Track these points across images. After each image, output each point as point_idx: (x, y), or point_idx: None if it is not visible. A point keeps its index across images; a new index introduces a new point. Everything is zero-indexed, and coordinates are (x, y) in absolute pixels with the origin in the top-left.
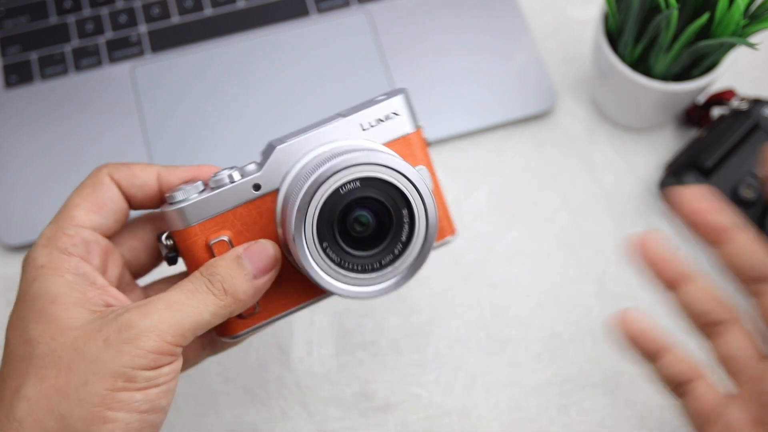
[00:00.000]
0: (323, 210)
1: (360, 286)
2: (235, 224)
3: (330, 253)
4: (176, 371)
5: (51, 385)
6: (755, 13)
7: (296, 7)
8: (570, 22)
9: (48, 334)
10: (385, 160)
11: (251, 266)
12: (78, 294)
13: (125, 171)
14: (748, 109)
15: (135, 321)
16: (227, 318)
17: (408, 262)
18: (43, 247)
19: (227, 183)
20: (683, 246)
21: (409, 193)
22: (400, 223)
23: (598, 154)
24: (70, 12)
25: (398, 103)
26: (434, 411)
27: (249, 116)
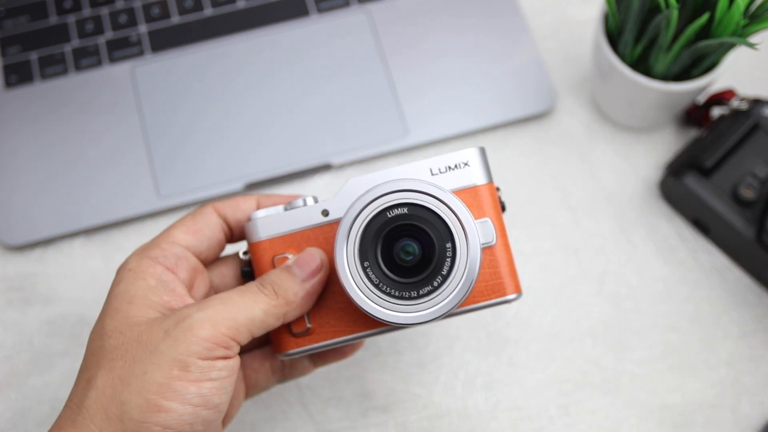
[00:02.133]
0: (368, 230)
1: (394, 311)
2: (302, 245)
3: (369, 273)
4: (230, 370)
5: (117, 375)
6: (755, 13)
7: (296, 7)
8: (570, 22)
9: (118, 329)
10: (434, 191)
11: (299, 271)
12: (155, 297)
13: (229, 203)
14: (748, 109)
15: (191, 313)
16: (281, 319)
17: (446, 295)
18: (137, 255)
19: (300, 206)
20: (684, 245)
21: (454, 228)
22: (443, 256)
23: (598, 154)
24: (70, 12)
25: (471, 155)
26: (434, 411)
27: (249, 116)
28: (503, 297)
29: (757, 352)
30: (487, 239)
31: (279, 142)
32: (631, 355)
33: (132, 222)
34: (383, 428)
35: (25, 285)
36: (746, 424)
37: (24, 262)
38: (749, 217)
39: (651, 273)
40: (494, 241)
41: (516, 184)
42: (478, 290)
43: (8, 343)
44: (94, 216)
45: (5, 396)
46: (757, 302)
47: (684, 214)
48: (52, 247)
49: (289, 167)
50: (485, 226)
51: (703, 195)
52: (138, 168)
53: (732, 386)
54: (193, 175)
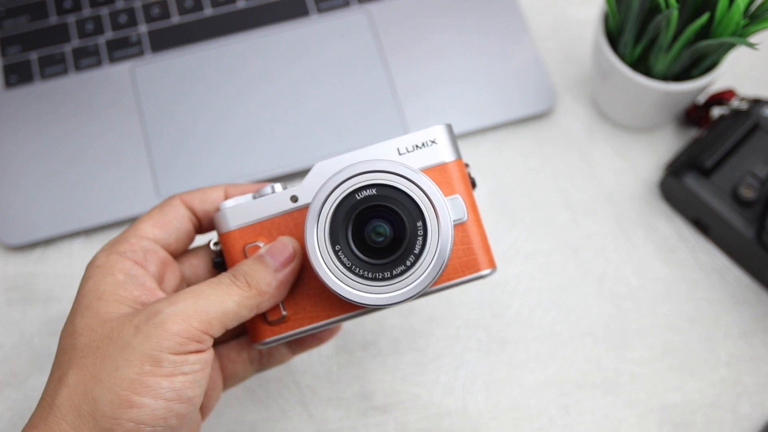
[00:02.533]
0: (337, 213)
1: (367, 292)
2: (272, 233)
3: (341, 256)
4: (203, 363)
5: (88, 372)
6: (755, 13)
7: (296, 7)
8: (570, 22)
9: (89, 326)
10: (401, 170)
11: (272, 261)
12: (125, 292)
13: (196, 193)
14: (748, 109)
15: (162, 308)
16: (255, 310)
17: (419, 274)
18: (104, 251)
19: (269, 193)
20: (684, 244)
21: (424, 207)
22: (414, 235)
23: (598, 154)
24: (70, 12)
25: (438, 132)
26: (434, 411)
27: (249, 116)
28: (477, 273)
29: (757, 352)
30: (458, 216)
31: (279, 141)
32: (631, 355)
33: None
34: (383, 428)
35: (25, 285)
36: (746, 424)
37: (24, 262)
38: (749, 217)
39: (651, 273)
40: (465, 218)
41: (516, 184)
42: (452, 267)
43: (8, 343)
44: (94, 216)
45: (5, 396)
46: (757, 302)
47: (684, 214)
48: (52, 247)
49: (289, 167)
50: (455, 202)
51: (703, 195)
52: (138, 168)
53: (732, 386)
54: (193, 174)
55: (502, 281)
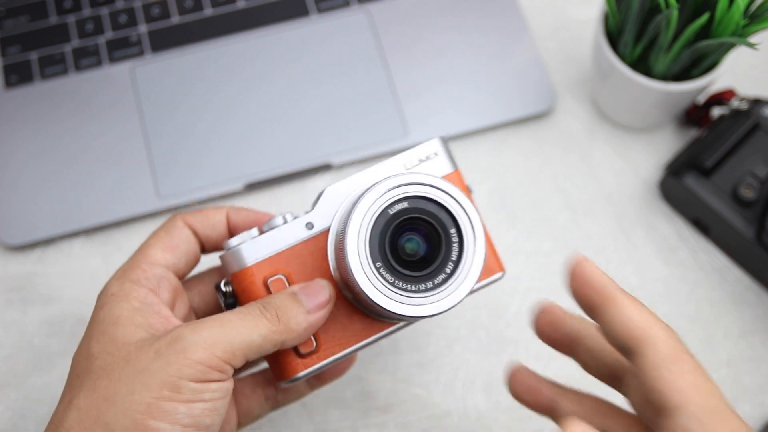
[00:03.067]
0: (373, 231)
1: (416, 305)
2: (291, 263)
3: (384, 273)
4: (224, 392)
5: (101, 395)
6: (755, 13)
7: (296, 7)
8: (570, 22)
9: (106, 350)
10: (429, 180)
11: (307, 301)
12: (141, 319)
13: (198, 215)
14: (748, 109)
15: (186, 334)
16: (279, 347)
17: (461, 279)
18: (117, 279)
19: (280, 224)
20: (684, 244)
21: (455, 211)
22: (449, 242)
23: (598, 154)
24: (70, 12)
25: (437, 145)
26: (434, 411)
27: (249, 116)
28: (492, 276)
29: (757, 352)
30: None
31: (279, 141)
32: None
33: (132, 222)
34: (383, 428)
35: (25, 285)
36: None
37: (24, 262)
38: (749, 217)
39: (651, 273)
40: None
41: (516, 184)
42: None
43: (8, 343)
44: (94, 216)
45: (5, 396)
46: (757, 302)
47: (684, 214)
48: (52, 247)
49: (289, 167)
50: None
51: (703, 195)
52: (138, 168)
53: (732, 386)
54: (193, 174)
55: (502, 281)
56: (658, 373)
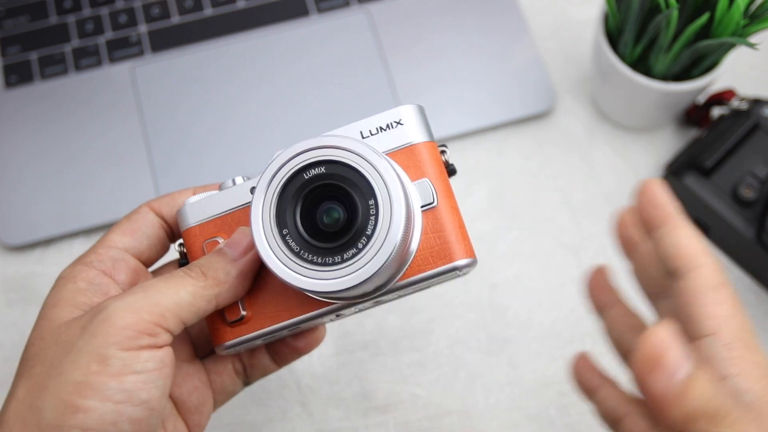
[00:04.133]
0: (284, 194)
1: (315, 278)
2: (232, 227)
3: (289, 241)
4: (159, 361)
5: (35, 382)
6: (755, 13)
7: (296, 7)
8: (570, 22)
9: (39, 335)
10: (351, 145)
11: (231, 251)
12: (84, 298)
13: (164, 199)
14: (748, 109)
15: (109, 303)
16: (214, 301)
17: (371, 255)
18: (71, 264)
19: (230, 186)
20: None
21: (374, 182)
22: (366, 215)
23: (598, 154)
24: (70, 12)
25: (405, 113)
26: (434, 411)
27: (249, 116)
28: (452, 263)
29: None
30: (426, 200)
31: (279, 141)
32: None
33: None
34: (383, 428)
35: (25, 285)
36: None
37: (24, 262)
38: (749, 217)
39: None
40: (435, 203)
41: (516, 184)
42: (422, 258)
43: (8, 343)
44: (94, 216)
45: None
46: (757, 302)
47: (684, 214)
48: (52, 247)
49: None
50: (423, 186)
51: (703, 195)
52: (138, 168)
53: None
54: (193, 174)
55: (502, 281)
56: (699, 298)
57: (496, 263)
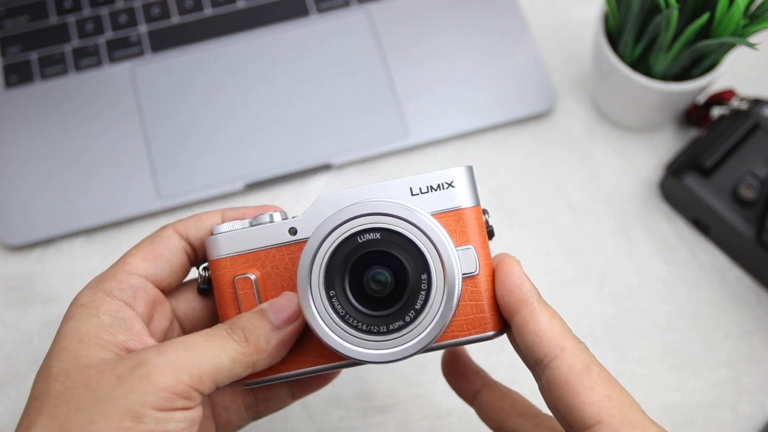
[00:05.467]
0: (335, 255)
1: (359, 346)
2: (266, 265)
3: (335, 304)
4: (190, 422)
5: (59, 424)
6: (755, 13)
7: (296, 7)
8: (570, 22)
9: (65, 371)
10: (409, 215)
11: (275, 316)
12: (109, 336)
13: (191, 221)
14: (748, 109)
15: (150, 358)
16: (250, 368)
17: (419, 332)
18: (90, 288)
19: (266, 222)
20: (684, 244)
21: (431, 258)
22: (417, 288)
23: (598, 154)
24: (70, 12)
25: (457, 174)
26: (434, 411)
27: (249, 116)
28: (483, 333)
29: (757, 352)
30: (469, 269)
31: (279, 141)
32: (631, 355)
33: (132, 222)
34: (383, 428)
35: (25, 285)
36: (746, 424)
37: (24, 262)
38: (749, 217)
39: (651, 273)
40: (477, 271)
41: (516, 184)
42: (457, 324)
43: (8, 343)
44: (94, 216)
45: (5, 396)
46: (757, 302)
47: (684, 214)
48: (52, 247)
49: (289, 167)
50: (467, 254)
51: (703, 195)
52: (138, 168)
53: (732, 386)
54: (192, 174)
55: None
56: (570, 387)
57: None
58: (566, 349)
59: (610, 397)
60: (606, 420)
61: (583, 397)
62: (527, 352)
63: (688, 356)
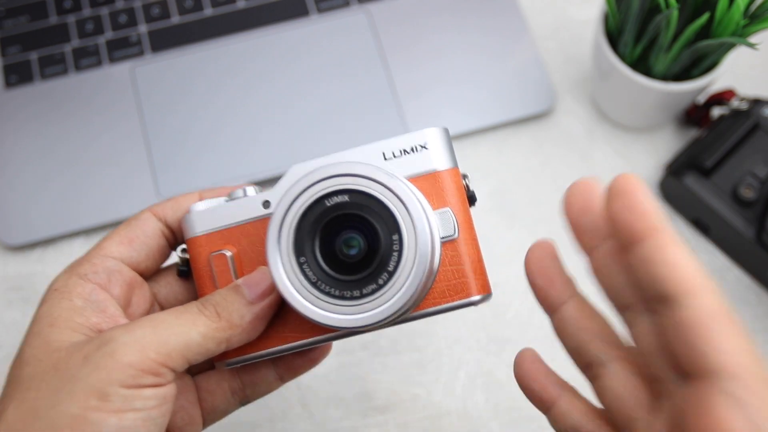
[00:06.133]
0: (304, 220)
1: (332, 312)
2: (241, 241)
3: (306, 270)
4: (160, 399)
5: (29, 407)
6: (755, 13)
7: (296, 7)
8: (570, 22)
9: (36, 356)
10: (377, 174)
11: (249, 291)
12: (81, 319)
13: (169, 203)
14: (748, 109)
15: (116, 336)
16: (224, 344)
17: (392, 294)
18: (64, 273)
19: (240, 197)
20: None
21: (401, 217)
22: (389, 249)
23: (598, 154)
24: (70, 12)
25: (431, 136)
26: (434, 411)
27: (249, 116)
28: (467, 298)
29: None
30: (447, 232)
31: (279, 141)
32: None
33: None
34: (383, 428)
35: (25, 285)
36: None
37: (24, 262)
38: (749, 217)
39: None
40: (456, 234)
41: (516, 184)
42: (438, 290)
43: (8, 343)
44: (94, 216)
45: None
46: (757, 302)
47: (684, 214)
48: (52, 247)
49: (289, 167)
50: (444, 216)
51: (703, 195)
52: (138, 167)
53: None
54: (193, 174)
55: (502, 281)
56: (702, 330)
57: (496, 263)
58: (707, 291)
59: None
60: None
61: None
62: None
63: None
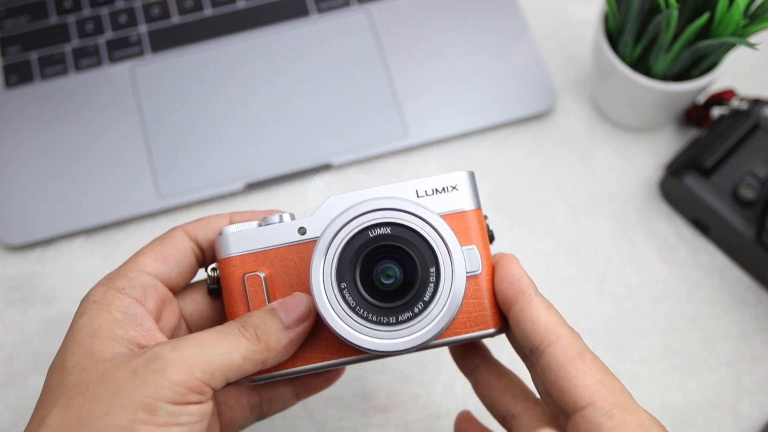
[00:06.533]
0: (347, 248)
1: (368, 336)
2: (275, 264)
3: (346, 295)
4: (202, 415)
5: (74, 415)
6: (755, 13)
7: (296, 7)
8: (570, 22)
9: (80, 365)
10: (420, 211)
11: (285, 316)
12: (121, 332)
13: (200, 223)
14: (748, 109)
15: (165, 353)
16: (260, 366)
17: (426, 323)
18: (101, 286)
19: (276, 222)
20: (684, 244)
21: (440, 252)
22: (426, 281)
23: (598, 154)
24: (70, 12)
25: (460, 178)
26: (434, 411)
27: (249, 116)
28: (486, 330)
29: (757, 352)
30: (473, 268)
31: (279, 142)
32: (631, 355)
33: (132, 222)
34: (383, 428)
35: (25, 285)
36: (746, 424)
37: (24, 262)
38: (749, 217)
39: (651, 273)
40: (480, 270)
41: (516, 184)
42: (459, 321)
43: (8, 343)
44: (94, 216)
45: (5, 396)
46: (757, 302)
47: (684, 214)
48: (52, 247)
49: (289, 167)
50: (471, 253)
51: (703, 195)
52: (138, 168)
53: (732, 386)
54: (193, 174)
55: None
56: (564, 371)
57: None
58: (561, 336)
59: (603, 381)
60: (598, 402)
61: (577, 380)
62: (524, 341)
63: (688, 356)
